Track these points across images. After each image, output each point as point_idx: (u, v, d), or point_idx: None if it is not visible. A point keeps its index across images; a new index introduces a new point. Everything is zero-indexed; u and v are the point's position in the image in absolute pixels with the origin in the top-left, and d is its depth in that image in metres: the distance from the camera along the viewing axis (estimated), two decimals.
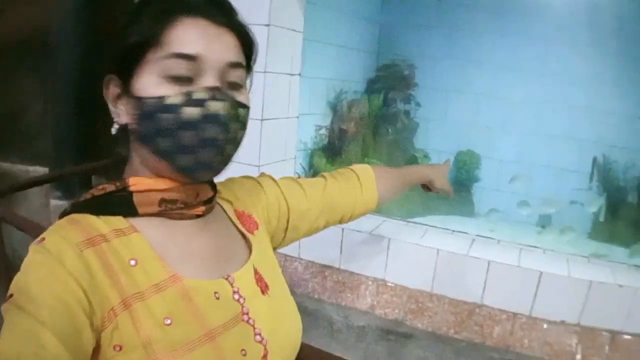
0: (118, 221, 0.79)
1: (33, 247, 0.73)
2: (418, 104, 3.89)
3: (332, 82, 3.48)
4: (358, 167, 1.40)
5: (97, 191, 0.81)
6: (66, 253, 0.71)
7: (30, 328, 0.65)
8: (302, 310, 0.97)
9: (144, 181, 0.81)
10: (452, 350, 2.24)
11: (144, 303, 0.74)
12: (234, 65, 0.81)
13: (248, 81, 0.88)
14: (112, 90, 0.82)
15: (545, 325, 2.20)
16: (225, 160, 0.83)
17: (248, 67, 0.87)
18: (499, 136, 3.76)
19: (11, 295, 0.69)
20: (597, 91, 3.45)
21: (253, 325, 0.85)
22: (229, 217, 0.98)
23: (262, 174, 1.19)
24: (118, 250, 0.76)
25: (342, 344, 2.38)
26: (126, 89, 0.80)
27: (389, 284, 2.40)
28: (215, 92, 0.78)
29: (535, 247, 2.53)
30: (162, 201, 0.82)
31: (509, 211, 3.33)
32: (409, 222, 2.75)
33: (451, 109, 3.88)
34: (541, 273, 2.19)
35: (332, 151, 3.43)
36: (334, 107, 3.52)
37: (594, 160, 3.44)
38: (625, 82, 3.39)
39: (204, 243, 0.88)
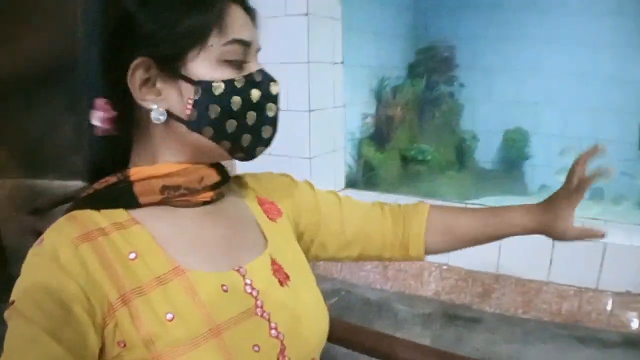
0: (119, 214, 0.77)
1: (32, 250, 0.71)
2: (462, 85, 3.84)
3: (374, 69, 3.46)
4: (412, 206, 1.14)
5: (98, 185, 0.79)
6: (61, 250, 0.69)
7: (34, 337, 0.63)
8: (365, 301, 0.91)
9: (145, 169, 0.79)
10: (521, 331, 2.19)
11: (144, 298, 0.71)
12: (259, 50, 0.84)
13: None
14: (140, 74, 0.77)
15: (611, 298, 2.16)
16: (275, 135, 0.83)
17: None
18: (544, 111, 3.70)
19: (13, 302, 0.67)
20: (637, 60, 3.36)
21: (268, 319, 0.80)
22: (248, 206, 0.94)
23: (304, 181, 1.11)
24: (117, 243, 0.73)
25: (407, 333, 2.35)
26: (170, 74, 0.77)
27: (453, 268, 2.35)
28: (267, 74, 0.81)
29: (594, 219, 2.47)
30: (164, 188, 0.79)
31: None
32: (465, 204, 2.69)
33: (495, 88, 3.82)
34: (606, 245, 2.14)
35: (380, 139, 3.40)
36: (378, 94, 3.49)
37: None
38: None
39: (214, 232, 0.84)
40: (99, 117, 0.80)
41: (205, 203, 0.83)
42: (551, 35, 3.54)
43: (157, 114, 0.77)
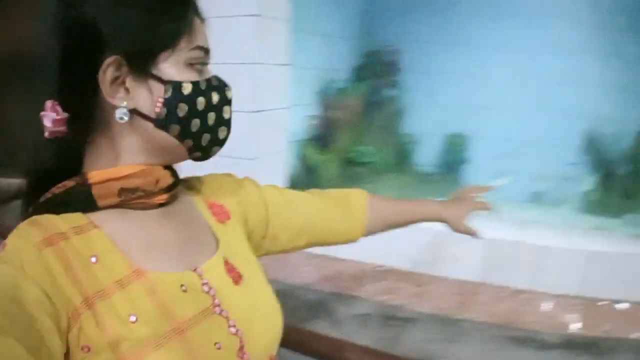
0: (78, 218, 0.78)
1: None
2: (405, 89, 3.88)
3: (321, 71, 3.47)
4: (352, 192, 1.32)
5: (57, 189, 0.80)
6: (25, 256, 0.70)
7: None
8: (303, 302, 0.96)
9: (103, 172, 0.80)
10: (458, 331, 2.26)
11: (107, 301, 0.72)
12: None
13: None
14: (111, 72, 0.78)
15: (547, 299, 2.23)
16: (229, 137, 0.91)
17: None
18: (485, 116, 3.75)
19: None
20: (582, 64, 3.47)
21: (227, 317, 0.83)
22: (198, 208, 0.97)
23: (245, 178, 1.17)
24: (78, 248, 0.74)
25: (345, 333, 2.38)
26: (141, 73, 0.80)
27: (389, 269, 2.40)
28: (221, 79, 0.89)
29: (532, 222, 2.56)
30: (122, 191, 0.81)
31: (500, 189, 3.32)
32: None
33: (438, 92, 3.86)
34: (541, 247, 2.22)
35: (322, 141, 3.42)
36: (324, 97, 3.50)
37: (583, 133, 3.47)
38: (610, 54, 3.42)
39: (170, 234, 0.86)
40: (50, 119, 0.80)
41: (160, 205, 0.86)
42: (495, 41, 3.60)
43: (121, 113, 0.79)
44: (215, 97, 0.85)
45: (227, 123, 0.89)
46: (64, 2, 0.80)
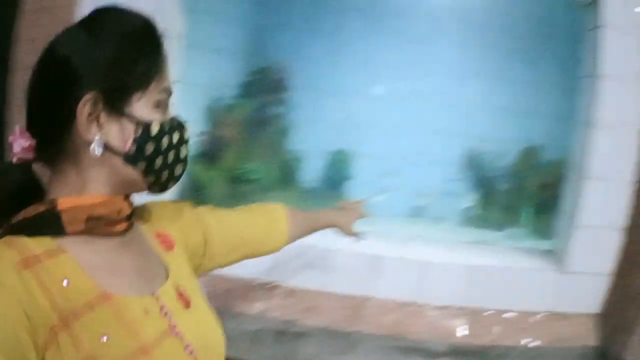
0: (48, 242, 0.81)
1: None
2: (292, 106, 3.92)
3: (211, 88, 3.45)
4: (273, 207, 1.50)
5: (28, 212, 0.83)
6: (6, 274, 0.73)
7: None
8: None
9: (72, 199, 0.85)
10: (347, 344, 2.32)
11: (80, 322, 0.76)
12: None
13: None
14: (88, 108, 0.84)
15: (432, 311, 2.34)
16: (183, 173, 0.98)
17: None
18: (370, 133, 3.84)
19: None
20: (466, 84, 3.65)
21: (182, 339, 0.89)
22: (147, 237, 1.03)
23: (183, 201, 1.26)
24: (51, 270, 0.77)
25: (236, 350, 2.37)
26: (115, 111, 0.86)
27: (278, 286, 2.42)
28: (180, 120, 0.95)
29: (415, 237, 2.68)
30: (89, 218, 0.85)
31: (382, 206, 3.46)
32: None
33: (323, 110, 3.91)
34: (423, 262, 2.33)
35: (210, 158, 3.39)
36: (212, 113, 3.48)
37: (465, 151, 3.66)
38: (495, 75, 3.63)
39: (129, 260, 0.92)
40: (19, 145, 0.85)
41: (120, 233, 0.91)
42: (381, 60, 3.71)
43: (97, 145, 0.84)
44: (175, 137, 0.92)
45: (184, 161, 0.96)
46: (50, 41, 0.88)
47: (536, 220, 3.26)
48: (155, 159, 0.89)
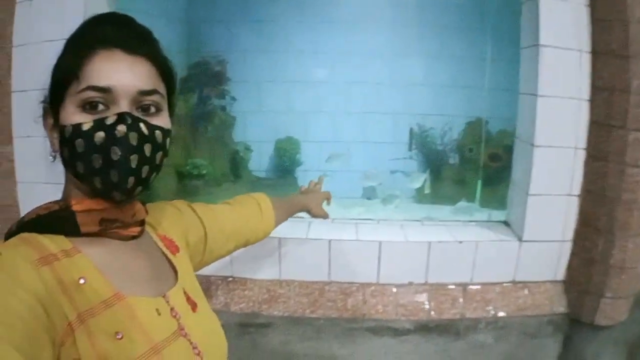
0: (62, 241, 0.83)
1: None
2: (233, 98, 3.89)
3: None
4: (257, 196, 1.62)
5: (41, 210, 0.86)
6: (24, 270, 0.74)
7: None
8: None
9: (85, 201, 0.87)
10: (312, 329, 2.34)
11: (96, 319, 0.78)
12: (147, 92, 0.89)
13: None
14: (48, 120, 0.89)
15: (394, 289, 2.37)
16: (140, 181, 0.89)
17: (171, 91, 0.98)
18: (314, 119, 3.91)
19: None
20: (406, 64, 3.73)
21: (190, 340, 0.92)
22: (155, 241, 1.06)
23: (178, 200, 1.29)
24: (68, 268, 0.79)
25: None
26: (56, 119, 0.87)
27: (238, 279, 2.41)
28: (124, 116, 0.85)
29: (368, 219, 2.70)
30: (103, 220, 0.88)
31: (331, 189, 3.48)
32: None
33: (266, 99, 3.94)
34: (380, 243, 2.35)
35: None
36: None
37: (410, 130, 3.71)
38: (435, 53, 3.70)
39: (141, 263, 0.94)
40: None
41: (132, 237, 0.93)
42: (321, 47, 3.76)
43: (50, 153, 0.89)
44: (100, 137, 0.84)
45: (120, 164, 0.85)
46: None
47: (488, 192, 3.35)
48: (75, 164, 0.86)
